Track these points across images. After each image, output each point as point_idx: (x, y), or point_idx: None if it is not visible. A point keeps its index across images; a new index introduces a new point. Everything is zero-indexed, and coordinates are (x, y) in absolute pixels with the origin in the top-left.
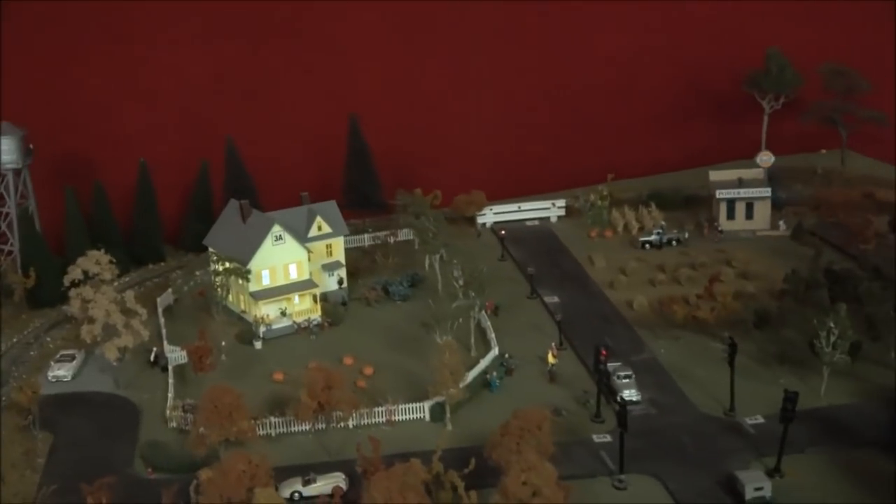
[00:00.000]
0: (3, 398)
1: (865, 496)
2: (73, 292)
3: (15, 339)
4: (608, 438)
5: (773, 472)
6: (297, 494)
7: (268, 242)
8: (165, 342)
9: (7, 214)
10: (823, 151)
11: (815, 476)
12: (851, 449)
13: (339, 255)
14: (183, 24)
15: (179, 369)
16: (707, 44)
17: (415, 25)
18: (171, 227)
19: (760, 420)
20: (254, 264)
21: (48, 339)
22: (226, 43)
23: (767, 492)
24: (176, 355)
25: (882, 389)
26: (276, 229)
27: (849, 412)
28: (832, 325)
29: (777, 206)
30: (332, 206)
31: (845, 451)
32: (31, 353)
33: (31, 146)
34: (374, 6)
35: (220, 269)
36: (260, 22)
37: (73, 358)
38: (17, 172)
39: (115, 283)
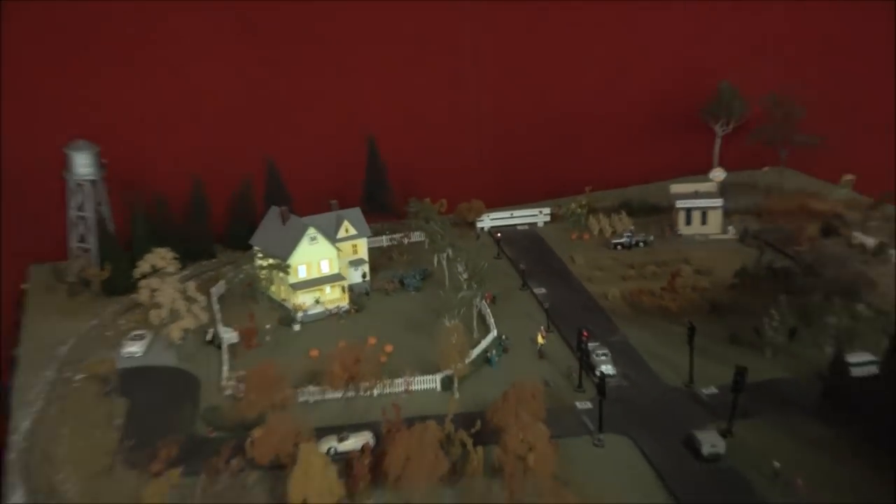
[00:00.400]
0: (83, 372)
1: (800, 452)
2: (142, 283)
3: (93, 322)
4: (588, 405)
5: (725, 433)
6: (332, 450)
7: (304, 242)
8: (219, 324)
9: (86, 218)
10: (766, 168)
11: (759, 436)
12: (788, 415)
13: (363, 253)
14: (228, 59)
15: (231, 347)
16: (670, 77)
17: (422, 61)
18: (219, 229)
19: (714, 391)
20: (292, 260)
21: (121, 321)
22: (265, 76)
23: (721, 449)
24: (228, 335)
25: (814, 366)
26: (311, 231)
27: (786, 385)
28: (774, 312)
29: (727, 213)
30: (356, 212)
31: (783, 416)
32: (108, 333)
33: (104, 161)
34: (386, 47)
35: (265, 264)
36: (293, 58)
37: (143, 337)
38: (93, 183)
39: (176, 276)
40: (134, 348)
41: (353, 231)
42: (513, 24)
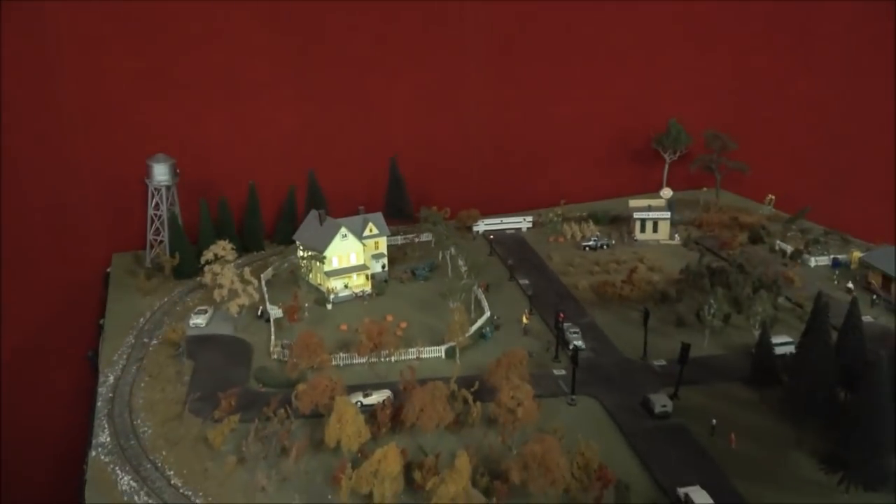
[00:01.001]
0: (158, 338)
1: (732, 412)
2: (206, 268)
3: (165, 299)
4: (563, 372)
5: (673, 396)
6: (359, 403)
7: (337, 239)
8: (267, 302)
9: (161, 216)
10: (705, 189)
11: (699, 399)
12: (724, 383)
13: (383, 248)
14: (281, 91)
15: (277, 321)
16: (629, 114)
17: (432, 98)
18: (268, 227)
19: (664, 363)
20: (328, 253)
21: (188, 299)
22: (310, 106)
23: (670, 408)
24: (274, 311)
25: (744, 345)
26: (343, 230)
27: (722, 359)
28: (712, 301)
29: (673, 223)
30: (379, 216)
31: (720, 384)
32: (177, 308)
33: (177, 170)
34: (405, 88)
35: (305, 255)
36: (332, 93)
37: (206, 311)
38: (167, 188)
39: (233, 263)
40: (198, 320)
41: (375, 231)
42: (504, 71)
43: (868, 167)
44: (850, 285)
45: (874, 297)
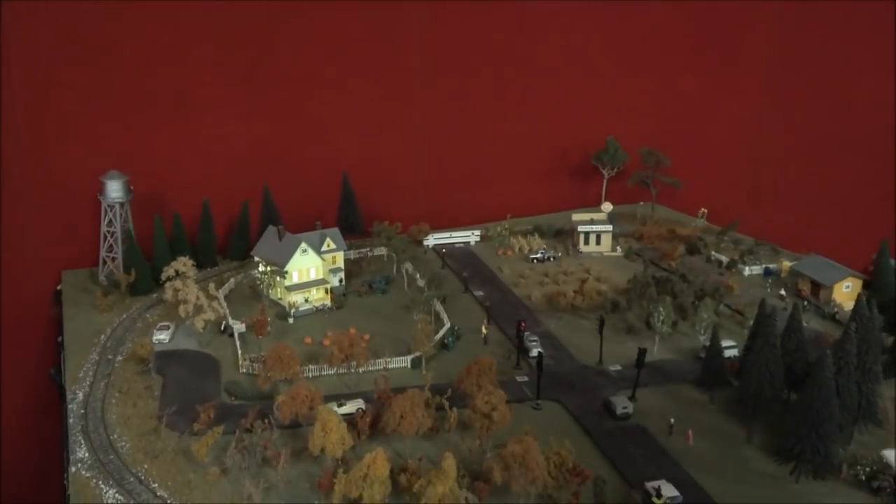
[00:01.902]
0: (125, 353)
1: (686, 411)
2: (167, 284)
3: (124, 316)
4: (526, 378)
5: (631, 398)
6: None
7: (297, 254)
8: (230, 318)
9: (115, 233)
10: (641, 203)
11: (655, 400)
12: (675, 385)
13: (340, 263)
14: (234, 108)
15: (240, 335)
16: (570, 132)
17: (382, 116)
18: (221, 242)
19: (619, 367)
20: (288, 268)
21: (147, 315)
22: (262, 122)
23: (630, 409)
24: (238, 326)
25: (691, 349)
26: (303, 245)
27: (672, 363)
28: (660, 309)
29: (615, 236)
30: (336, 231)
31: (672, 386)
32: (138, 324)
33: (131, 187)
34: (356, 106)
35: (266, 270)
36: (284, 109)
37: (168, 327)
38: (121, 205)
39: (192, 279)
40: (161, 336)
41: (333, 246)
42: (450, 89)
43: (789, 181)
44: (783, 292)
45: (805, 302)
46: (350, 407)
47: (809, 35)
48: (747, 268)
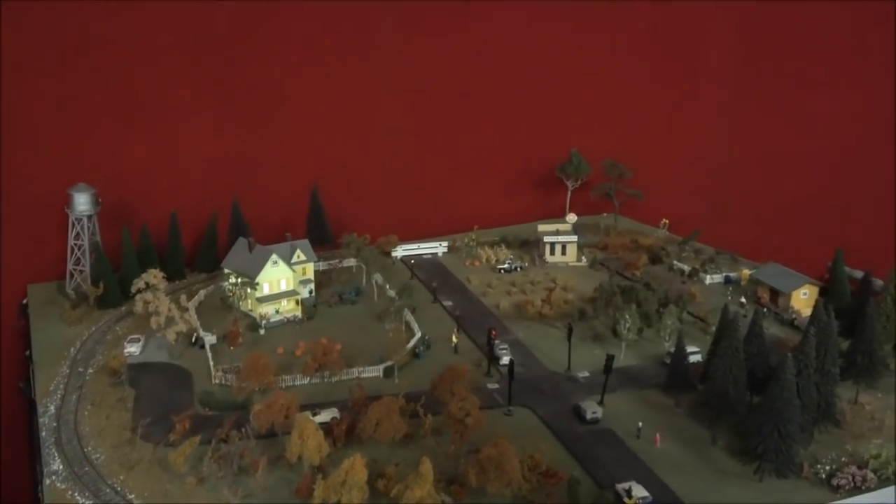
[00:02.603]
0: (96, 366)
1: (653, 415)
2: (138, 297)
3: (94, 329)
4: (496, 386)
5: (599, 403)
6: None
7: (268, 265)
8: (200, 329)
9: (82, 246)
10: (605, 214)
11: (623, 405)
12: (641, 390)
13: (311, 274)
14: (203, 119)
15: (212, 347)
16: (534, 144)
17: (350, 129)
18: (190, 254)
19: (587, 374)
20: (259, 279)
21: (116, 328)
22: (226, 132)
23: (599, 414)
24: (209, 338)
25: (656, 355)
26: (274, 257)
27: (638, 369)
28: (626, 317)
29: (580, 247)
30: (306, 242)
31: (638, 391)
32: (108, 337)
33: (99, 199)
34: (325, 119)
35: (237, 282)
36: (253, 121)
37: (139, 340)
38: (89, 217)
39: (162, 291)
40: (132, 349)
41: (303, 257)
42: (417, 102)
43: (747, 192)
44: (743, 300)
45: (764, 309)
46: (325, 416)
47: (766, 51)
48: (708, 276)
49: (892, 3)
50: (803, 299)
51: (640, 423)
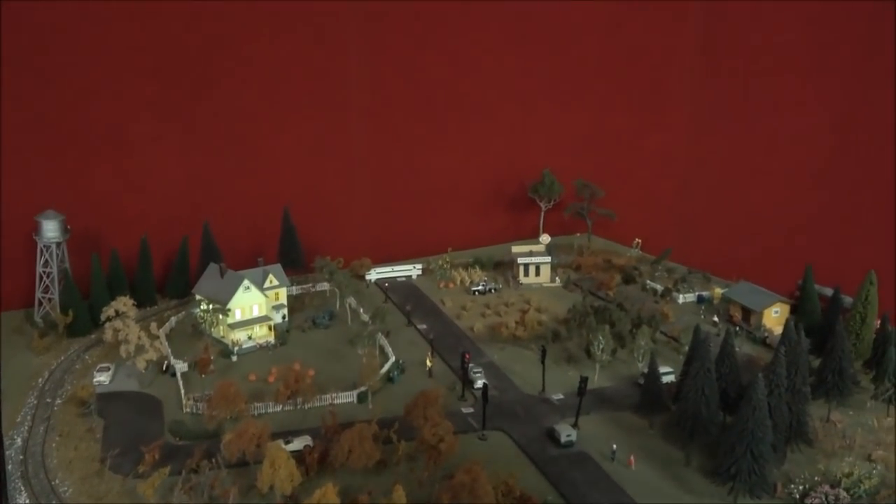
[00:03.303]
0: (64, 396)
1: (627, 437)
2: (107, 325)
3: (62, 358)
4: (471, 410)
5: (574, 425)
6: None
7: (240, 291)
8: (171, 357)
9: (51, 273)
10: (578, 234)
11: (597, 427)
12: (616, 411)
13: (283, 299)
14: (171, 144)
15: (184, 375)
16: (506, 166)
17: (321, 152)
18: (160, 280)
19: (561, 396)
20: (231, 305)
21: (86, 356)
22: (195, 157)
23: (574, 437)
24: (180, 366)
25: (630, 376)
26: (246, 283)
27: (612, 390)
28: (600, 338)
29: (553, 267)
30: (278, 267)
31: (612, 412)
32: (77, 366)
33: (68, 227)
34: (294, 143)
35: (208, 308)
36: (221, 145)
37: (108, 369)
38: (58, 244)
39: (132, 318)
40: (102, 378)
41: (275, 282)
42: (387, 124)
43: (717, 211)
44: (716, 318)
45: (736, 328)
46: (298, 444)
47: (730, 69)
48: (681, 295)
49: (857, 18)
50: (775, 317)
51: (615, 446)
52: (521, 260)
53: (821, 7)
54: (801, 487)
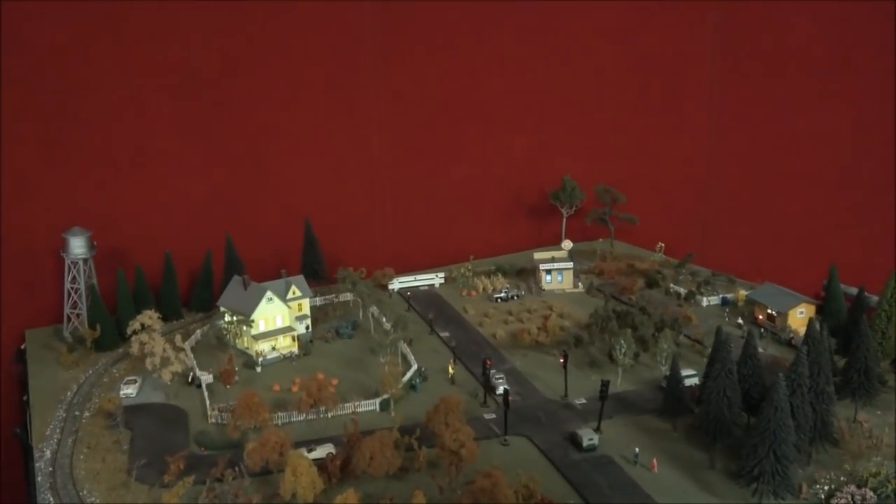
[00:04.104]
0: (92, 409)
1: (650, 441)
2: (133, 338)
3: (90, 372)
4: (493, 416)
5: (596, 430)
6: None
7: (263, 302)
8: (197, 369)
9: (79, 289)
10: (600, 240)
11: (620, 431)
12: (638, 415)
13: (306, 310)
14: (195, 161)
15: (209, 386)
16: (527, 173)
17: (343, 165)
18: (185, 294)
19: (584, 401)
20: (255, 317)
21: (113, 370)
22: (217, 171)
23: (596, 441)
24: (205, 377)
25: (653, 380)
26: (269, 294)
27: (635, 394)
28: (622, 342)
29: (576, 273)
30: (301, 278)
31: (635, 416)
32: (104, 379)
33: (94, 243)
34: (316, 155)
35: (232, 320)
36: (245, 159)
37: (135, 381)
38: (85, 261)
39: (159, 331)
40: (129, 390)
41: (298, 293)
42: (407, 135)
43: (740, 213)
44: (740, 321)
45: (761, 329)
46: (320, 452)
47: (751, 70)
48: (705, 298)
49: (879, 16)
50: (800, 318)
51: (637, 449)
52: (542, 266)
53: (839, 7)
54: (826, 488)
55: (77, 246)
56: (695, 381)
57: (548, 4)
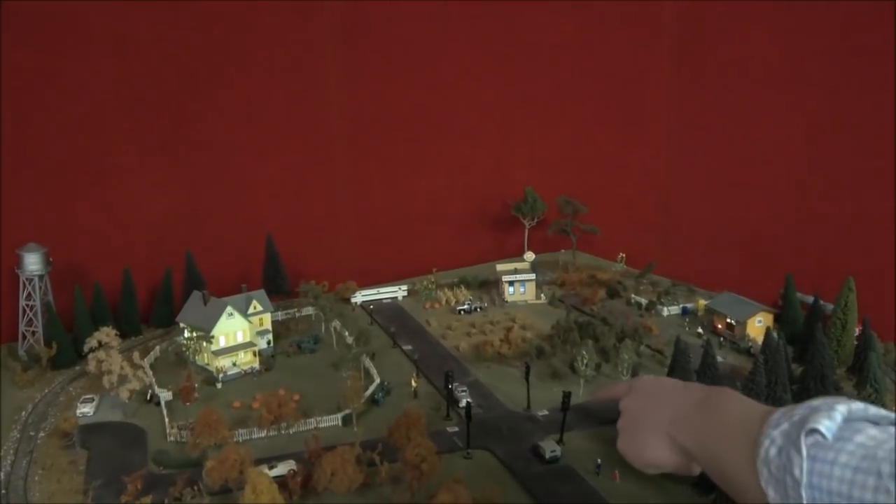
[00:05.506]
0: (48, 429)
1: (612, 452)
2: (90, 356)
3: (46, 391)
4: (456, 429)
5: (559, 442)
6: None
7: (223, 318)
8: (155, 386)
9: (34, 307)
10: (563, 251)
11: (582, 443)
12: (602, 426)
13: (268, 325)
14: (150, 170)
15: (168, 404)
16: (489, 184)
17: (303, 177)
18: (145, 310)
19: (546, 412)
20: (215, 332)
21: (70, 389)
22: (177, 187)
23: (559, 453)
24: (165, 394)
25: None
26: (229, 309)
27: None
28: (583, 353)
29: (538, 284)
30: (262, 293)
31: (598, 428)
32: (60, 398)
33: (50, 259)
34: (277, 167)
35: (192, 336)
36: (202, 169)
37: (92, 400)
38: (40, 277)
39: (117, 348)
40: (85, 409)
41: (259, 308)
42: (367, 148)
43: (698, 223)
44: (700, 330)
45: (721, 339)
46: (281, 468)
47: (707, 84)
48: (665, 308)
49: (833, 28)
50: (758, 327)
51: (599, 460)
52: (505, 278)
53: (795, 19)
54: None
55: (32, 262)
56: None
57: (508, 19)
